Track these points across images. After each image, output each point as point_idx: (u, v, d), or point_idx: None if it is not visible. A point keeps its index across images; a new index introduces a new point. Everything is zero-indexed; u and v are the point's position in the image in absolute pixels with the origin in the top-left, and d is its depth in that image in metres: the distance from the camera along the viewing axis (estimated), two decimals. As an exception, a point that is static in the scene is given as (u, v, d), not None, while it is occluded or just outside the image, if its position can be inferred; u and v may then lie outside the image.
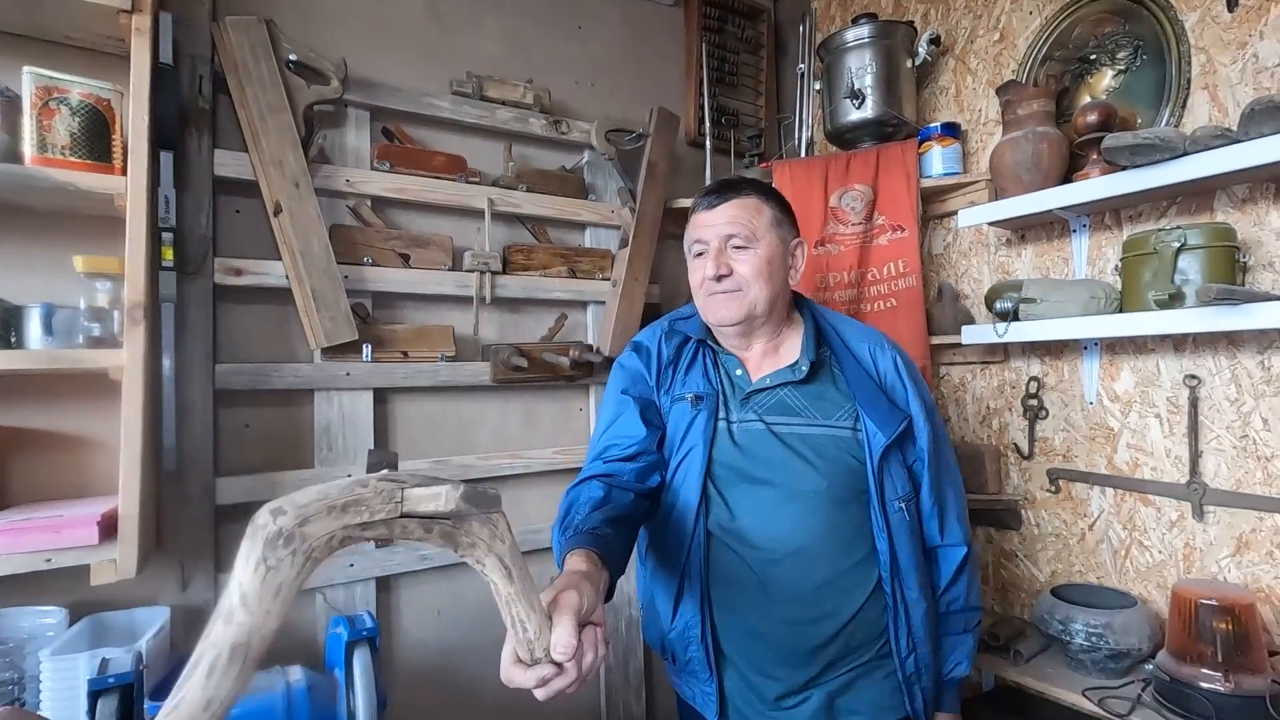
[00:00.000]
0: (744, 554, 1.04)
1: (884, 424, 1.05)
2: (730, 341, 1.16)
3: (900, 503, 1.06)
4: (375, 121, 1.62)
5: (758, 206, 1.11)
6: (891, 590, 1.04)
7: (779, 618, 1.03)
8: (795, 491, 1.03)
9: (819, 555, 1.03)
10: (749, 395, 1.11)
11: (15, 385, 1.24)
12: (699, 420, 1.09)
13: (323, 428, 1.51)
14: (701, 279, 1.11)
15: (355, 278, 1.53)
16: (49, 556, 1.07)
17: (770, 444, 1.06)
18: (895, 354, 1.16)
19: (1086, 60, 1.62)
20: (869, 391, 1.09)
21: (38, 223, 1.27)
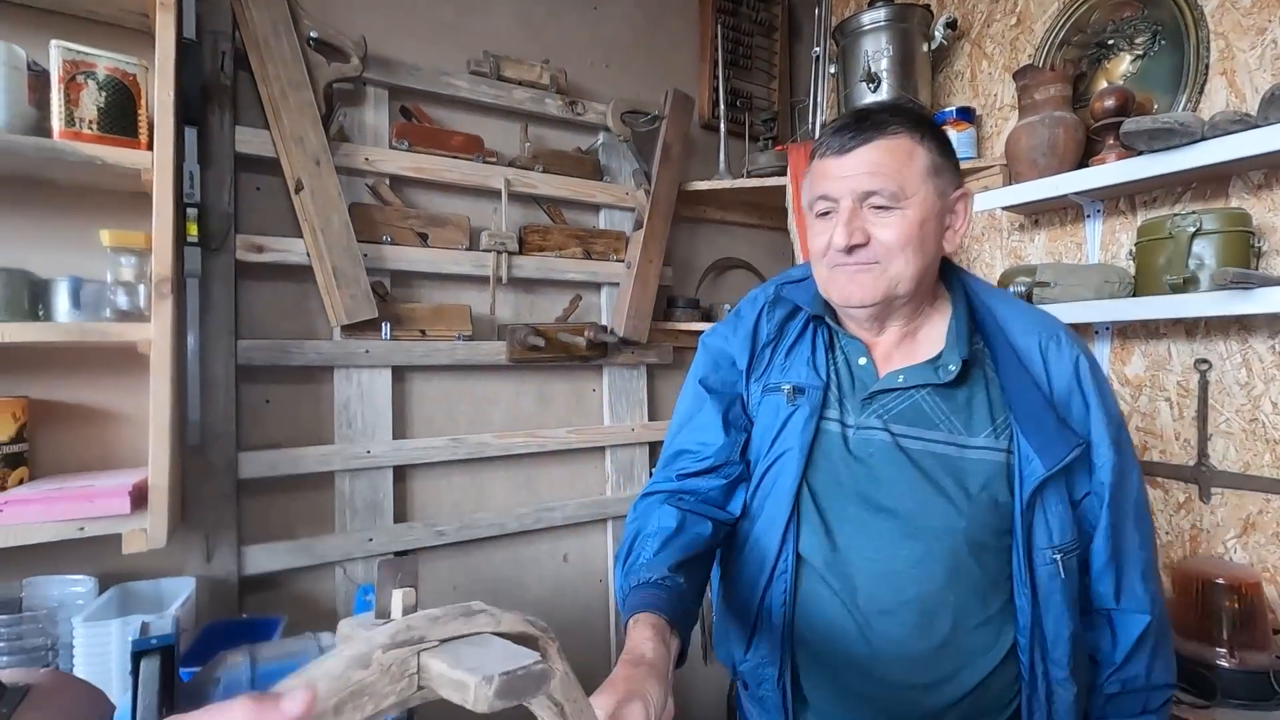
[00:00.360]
0: (844, 595, 0.83)
1: (1046, 448, 0.80)
2: (854, 322, 0.92)
3: (1055, 554, 0.81)
4: (393, 100, 1.62)
5: (910, 150, 0.83)
6: (1030, 662, 0.81)
7: (882, 678, 0.82)
8: (921, 527, 0.81)
9: (941, 608, 0.81)
10: (873, 395, 0.87)
11: (42, 358, 1.26)
12: (796, 419, 0.87)
13: (342, 404, 1.53)
14: (826, 246, 0.86)
15: (374, 256, 1.54)
16: (82, 525, 1.09)
17: (895, 462, 0.84)
18: (1077, 353, 0.88)
19: (1104, 45, 1.62)
20: (1032, 403, 0.83)
21: (63, 197, 1.28)
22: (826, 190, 0.86)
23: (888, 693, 0.82)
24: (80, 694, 0.92)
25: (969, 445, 0.84)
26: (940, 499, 0.82)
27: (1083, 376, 0.86)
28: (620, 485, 1.91)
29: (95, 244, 1.23)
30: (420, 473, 1.64)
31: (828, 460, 0.86)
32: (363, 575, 1.53)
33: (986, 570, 0.82)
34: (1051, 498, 0.82)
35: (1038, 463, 0.80)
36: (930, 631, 0.81)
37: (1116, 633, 0.87)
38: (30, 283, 1.17)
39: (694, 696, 2.06)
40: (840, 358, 0.91)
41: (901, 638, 0.81)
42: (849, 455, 0.85)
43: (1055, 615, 0.81)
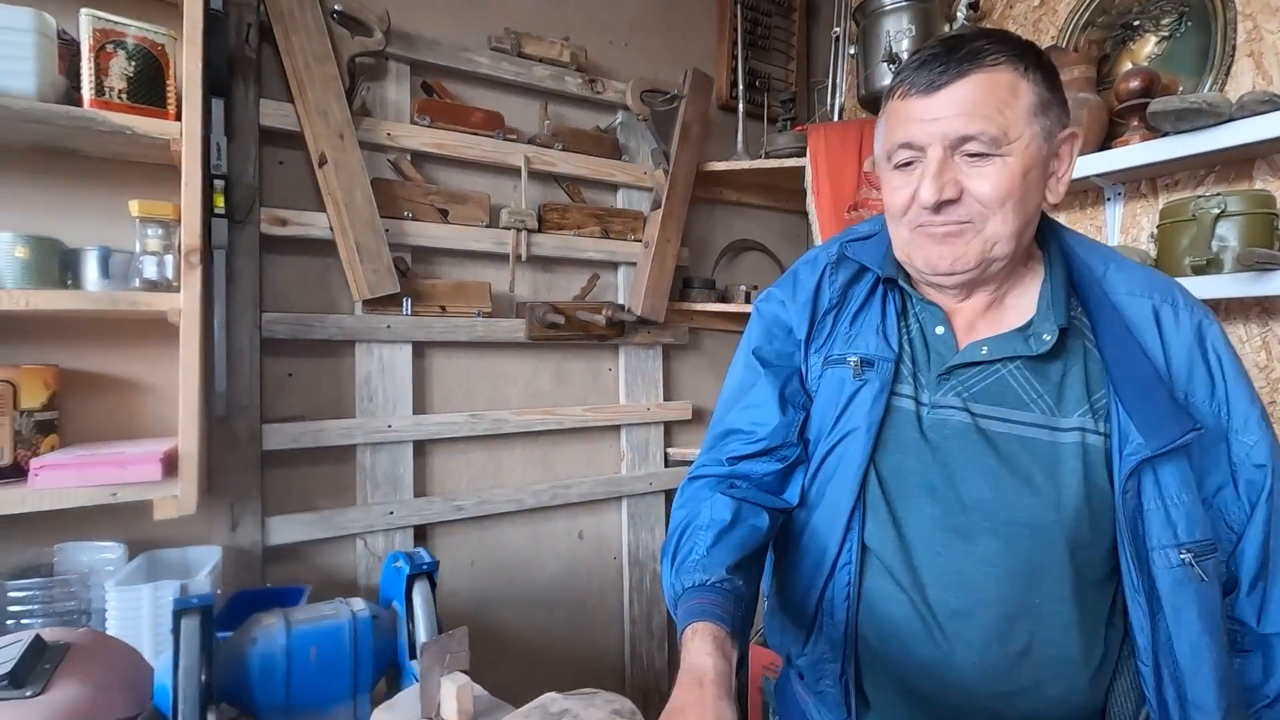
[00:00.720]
0: (912, 593, 0.74)
1: (1153, 427, 0.68)
2: (933, 287, 0.80)
3: (1183, 553, 0.67)
4: (415, 75, 1.62)
5: (1013, 84, 0.70)
6: (1156, 688, 0.68)
7: (955, 684, 0.72)
8: (1003, 522, 0.71)
9: (1023, 612, 0.70)
10: (951, 369, 0.77)
11: (71, 327, 1.27)
12: (863, 395, 0.78)
13: (363, 378, 1.54)
14: (908, 202, 0.74)
15: (395, 232, 1.55)
16: (115, 490, 1.10)
17: (974, 446, 0.74)
18: (1199, 318, 0.75)
19: (1129, 26, 1.61)
20: (1139, 375, 0.71)
21: (90, 166, 1.28)
22: (911, 136, 0.73)
23: (959, 699, 0.72)
24: (118, 653, 0.94)
25: (1061, 428, 0.72)
26: (1026, 490, 0.71)
27: (1209, 346, 0.74)
28: (635, 464, 1.92)
29: (121, 214, 1.23)
30: (439, 448, 1.66)
31: (898, 442, 0.76)
32: (383, 548, 1.55)
33: (1084, 572, 0.70)
34: (1171, 483, 0.69)
35: (1141, 442, 0.68)
36: (1009, 637, 0.71)
37: (1272, 660, 0.72)
38: (60, 251, 1.18)
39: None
40: (915, 325, 0.80)
41: (976, 642, 0.71)
42: (921, 438, 0.75)
43: (1190, 634, 0.67)
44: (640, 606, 1.93)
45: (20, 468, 1.12)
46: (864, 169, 1.85)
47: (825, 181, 1.86)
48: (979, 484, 0.73)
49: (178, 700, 0.80)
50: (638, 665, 1.92)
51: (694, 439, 2.04)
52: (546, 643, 1.79)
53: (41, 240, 1.14)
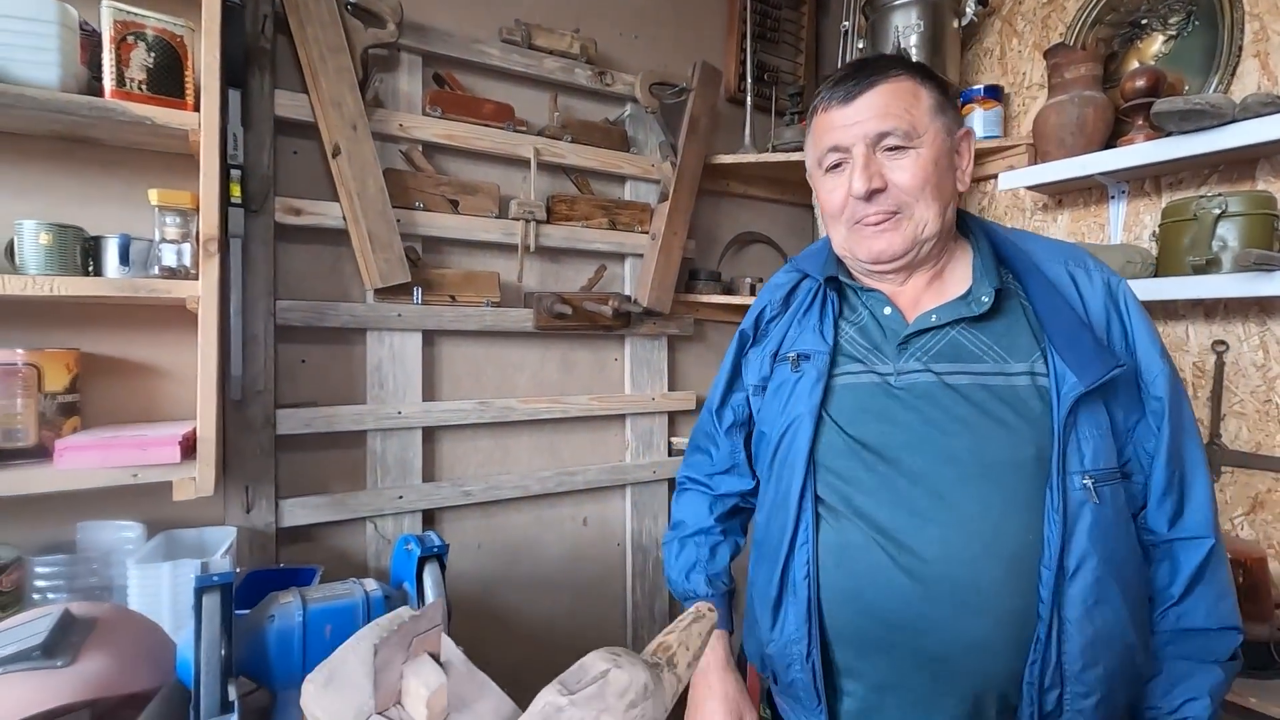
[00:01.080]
0: (891, 550, 0.80)
1: (1083, 366, 0.77)
2: (873, 276, 0.92)
3: (1086, 479, 0.77)
4: (427, 67, 1.64)
5: (914, 90, 0.84)
6: (1050, 597, 0.75)
7: (933, 620, 0.78)
8: (988, 464, 0.78)
9: (1009, 541, 0.77)
10: (907, 339, 0.86)
11: (92, 312, 1.30)
12: (802, 385, 0.88)
13: (374, 366, 1.57)
14: (844, 199, 0.86)
15: (407, 222, 1.57)
16: (135, 472, 1.14)
17: (946, 400, 0.81)
18: (1107, 275, 0.86)
19: (1137, 25, 1.62)
20: (1067, 323, 0.81)
21: (109, 156, 1.31)
22: (836, 140, 0.85)
23: (932, 635, 0.78)
24: (142, 627, 0.98)
25: (1014, 373, 0.81)
26: (1001, 429, 0.78)
27: (1119, 299, 0.85)
28: (639, 453, 1.96)
29: (140, 202, 1.26)
30: (448, 434, 1.69)
31: (874, 413, 0.83)
32: (392, 531, 1.59)
33: (1038, 499, 0.77)
34: (1086, 420, 0.78)
35: (1074, 380, 0.77)
36: (990, 572, 0.76)
37: (1177, 561, 0.81)
38: (82, 239, 1.20)
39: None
40: (864, 313, 0.91)
41: (960, 578, 0.77)
42: (895, 403, 0.83)
43: (1079, 545, 0.76)
44: (642, 591, 1.97)
45: (44, 448, 1.16)
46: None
47: (831, 176, 1.87)
48: (958, 431, 0.80)
49: (200, 673, 0.84)
50: (639, 648, 1.96)
51: (697, 429, 2.07)
52: (550, 624, 1.83)
53: (64, 228, 1.16)
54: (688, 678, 0.49)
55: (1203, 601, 0.81)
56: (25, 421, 1.15)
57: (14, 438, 1.14)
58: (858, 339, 0.90)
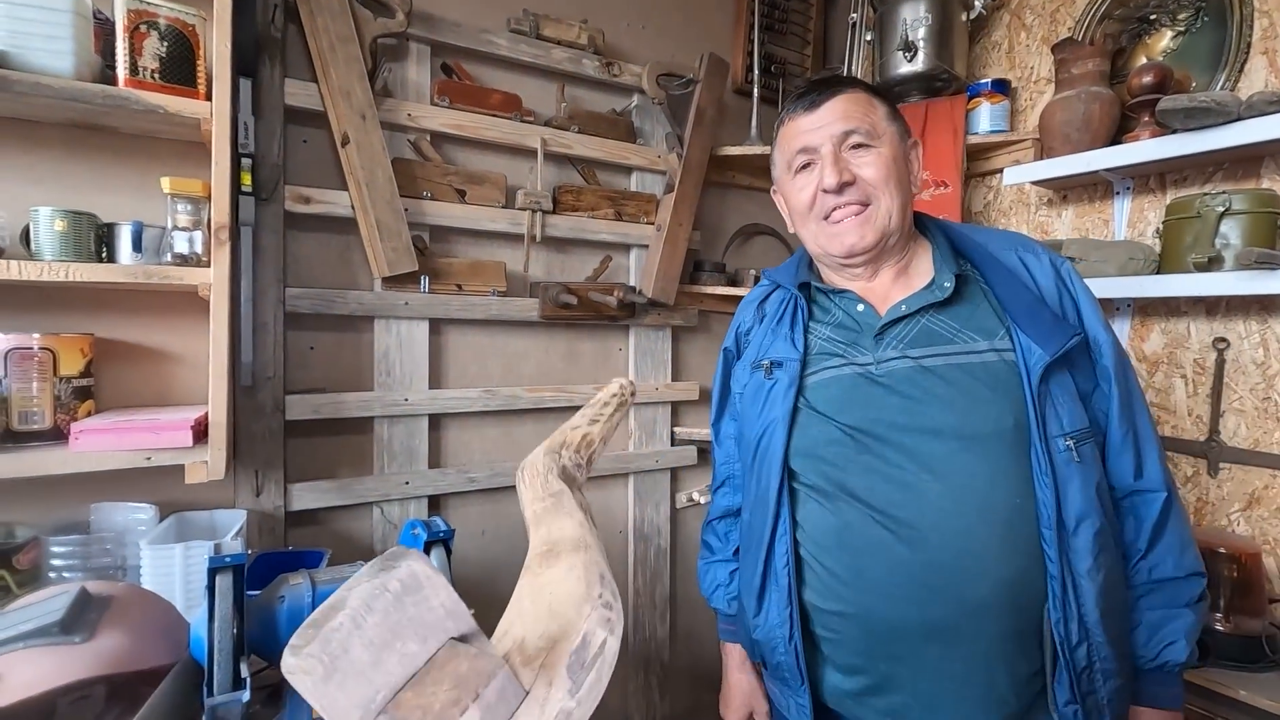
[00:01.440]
0: (891, 527, 0.85)
1: (1046, 339, 0.84)
2: (848, 275, 0.98)
3: (1068, 440, 0.83)
4: (435, 57, 1.65)
5: (868, 100, 0.94)
6: (1058, 555, 0.81)
7: (927, 585, 0.83)
8: (971, 437, 0.83)
9: (996, 510, 0.82)
10: (882, 329, 0.92)
11: (105, 298, 1.32)
12: (776, 391, 0.95)
13: (381, 353, 1.59)
14: (814, 195, 0.93)
15: (414, 211, 1.59)
16: (149, 455, 1.16)
17: (925, 381, 0.87)
18: (1051, 257, 0.94)
19: (1146, 20, 1.61)
20: (1025, 302, 0.88)
21: (122, 143, 1.33)
22: (805, 142, 0.94)
23: (945, 612, 0.82)
24: (156, 605, 1.01)
25: (982, 350, 0.87)
26: (980, 404, 0.84)
27: (1065, 279, 0.92)
28: (643, 442, 1.98)
29: (152, 190, 1.28)
30: (454, 422, 1.72)
31: (860, 401, 0.89)
32: (398, 516, 1.62)
33: (1020, 466, 0.83)
34: (1057, 387, 0.84)
35: (1040, 351, 0.83)
36: (985, 536, 0.82)
37: (1140, 515, 0.88)
38: (96, 225, 1.22)
39: (705, 644, 2.16)
40: (838, 313, 0.97)
41: (964, 546, 0.81)
42: (880, 390, 0.89)
43: (1074, 504, 0.82)
44: (644, 578, 2.00)
45: (60, 431, 1.18)
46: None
47: (837, 169, 1.88)
48: (940, 409, 0.85)
49: (213, 650, 0.87)
50: (640, 635, 1.99)
51: (700, 419, 2.09)
52: (553, 611, 1.86)
53: (79, 215, 1.18)
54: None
55: (1170, 553, 0.87)
56: (41, 404, 1.18)
57: (30, 420, 1.16)
58: (835, 337, 0.96)
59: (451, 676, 0.29)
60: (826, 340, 0.96)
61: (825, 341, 0.96)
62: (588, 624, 0.35)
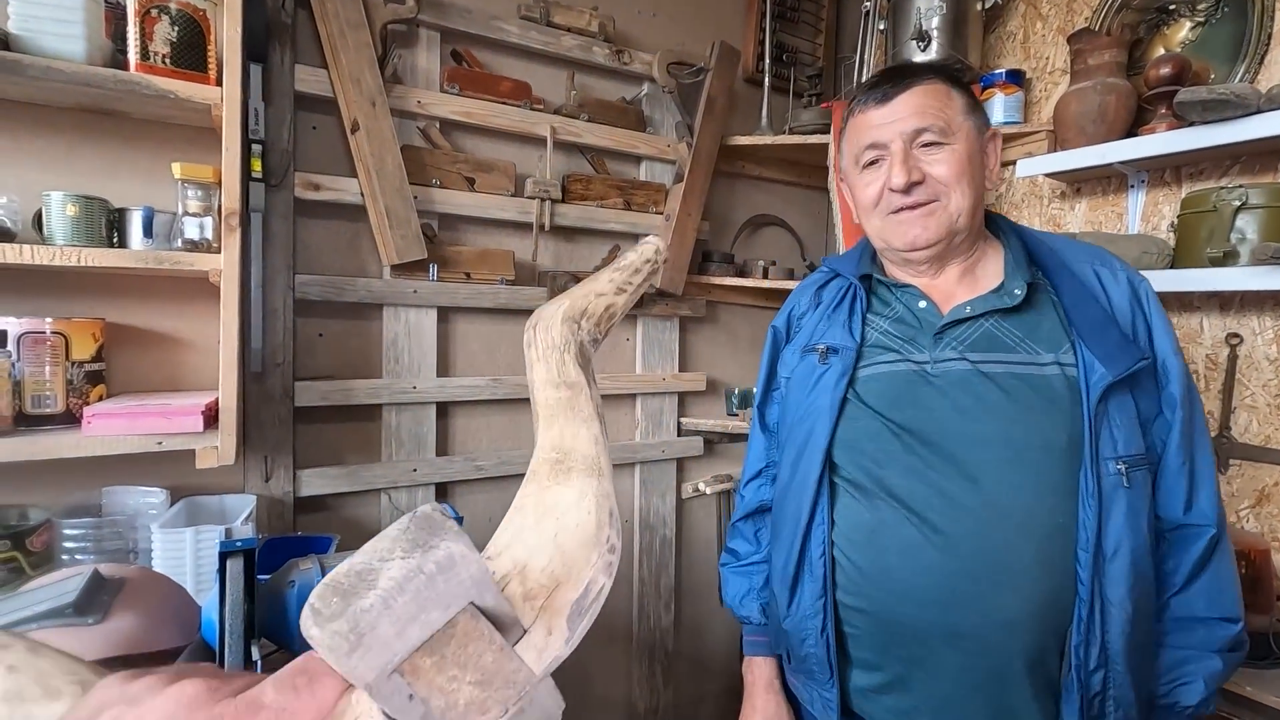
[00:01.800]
0: (924, 531, 0.83)
1: (1111, 358, 0.81)
2: (912, 270, 0.96)
3: (1120, 464, 0.80)
4: (445, 43, 1.64)
5: (946, 92, 0.89)
6: (1090, 579, 0.78)
7: (957, 594, 0.81)
8: (1020, 448, 0.81)
9: (1034, 525, 0.80)
10: (944, 328, 0.89)
11: (116, 284, 1.33)
12: (827, 378, 0.93)
13: (390, 341, 1.60)
14: (880, 192, 0.90)
15: (423, 199, 1.59)
16: (160, 440, 1.17)
17: (980, 386, 0.84)
18: (1129, 276, 0.90)
19: (1165, 10, 1.59)
20: (1094, 318, 0.85)
21: (132, 129, 1.33)
22: (874, 138, 0.90)
23: (971, 621, 0.80)
24: (169, 588, 1.01)
25: (1044, 363, 0.84)
26: (1034, 416, 0.82)
27: (1142, 299, 0.88)
28: (649, 432, 1.98)
29: (162, 175, 1.29)
30: (461, 410, 1.72)
31: (910, 399, 0.87)
32: (406, 503, 1.62)
33: (1067, 484, 0.80)
34: (1116, 408, 0.81)
35: (1104, 371, 0.80)
36: (1021, 551, 0.79)
37: (1183, 549, 0.84)
38: (107, 210, 1.23)
39: (709, 634, 2.17)
40: (899, 307, 0.95)
41: (997, 558, 0.79)
42: (933, 390, 0.86)
43: (1115, 529, 0.79)
44: (649, 568, 2.00)
45: (72, 415, 1.19)
46: (887, 148, 1.86)
47: (848, 159, 1.86)
48: (992, 416, 0.83)
49: (224, 634, 0.87)
50: (645, 624, 2.00)
51: (707, 410, 2.09)
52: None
53: (90, 199, 1.19)
54: None
55: (1206, 592, 0.84)
56: (54, 388, 1.19)
57: (43, 404, 1.17)
58: (892, 331, 0.93)
59: (466, 635, 0.30)
60: (883, 334, 0.94)
61: (882, 335, 0.94)
62: (593, 571, 0.34)
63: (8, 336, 1.15)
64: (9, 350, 1.14)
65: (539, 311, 0.46)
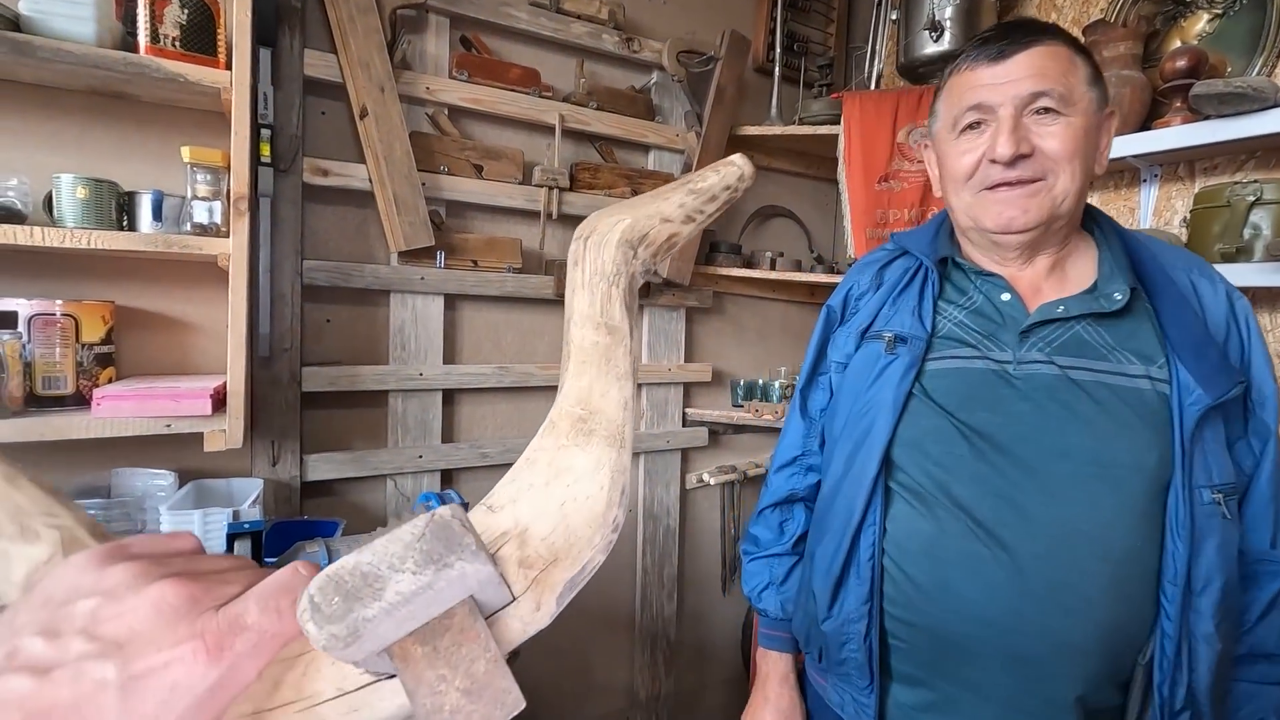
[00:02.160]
0: (983, 534, 0.77)
1: (1210, 379, 0.74)
2: (998, 257, 0.86)
3: (1215, 494, 0.74)
4: (454, 29, 1.64)
5: (1070, 57, 0.79)
6: (1177, 614, 0.73)
7: (1021, 626, 0.75)
8: (1107, 465, 0.74)
9: (1113, 550, 0.74)
10: (1031, 327, 0.81)
11: (125, 267, 1.33)
12: (893, 370, 0.84)
13: (397, 327, 1.60)
14: (977, 162, 0.80)
15: (431, 185, 1.59)
16: (169, 422, 1.18)
17: (1069, 394, 0.77)
18: (1227, 288, 0.83)
19: (1182, 2, 1.57)
20: (1193, 333, 0.77)
21: (142, 112, 1.33)
22: (981, 98, 0.79)
23: (1031, 645, 0.74)
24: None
25: (1135, 375, 0.77)
26: (1125, 431, 0.75)
27: (1239, 316, 0.81)
28: (654, 422, 1.98)
29: (171, 159, 1.29)
30: (467, 397, 1.73)
31: (984, 401, 0.80)
32: (411, 489, 1.63)
33: (1151, 509, 0.74)
34: (1210, 434, 0.75)
35: (1201, 393, 0.73)
36: (1095, 576, 0.73)
37: (1260, 585, 0.79)
38: (117, 194, 1.23)
39: (711, 624, 2.18)
40: (978, 297, 0.86)
41: (1067, 580, 0.73)
42: (1014, 393, 0.79)
43: (1207, 562, 0.73)
44: (652, 557, 2.01)
45: (82, 396, 1.20)
46: (898, 140, 1.84)
47: (858, 151, 1.85)
48: (1078, 427, 0.76)
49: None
50: (648, 613, 2.01)
51: (713, 401, 2.09)
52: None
53: (100, 182, 1.19)
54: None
55: (1276, 627, 0.79)
56: (64, 370, 1.19)
57: (54, 385, 1.18)
58: (968, 323, 0.85)
59: (462, 632, 0.29)
60: (958, 325, 0.85)
61: (956, 326, 0.85)
62: (593, 551, 0.33)
63: (18, 318, 1.16)
64: (20, 331, 1.15)
65: (592, 221, 0.40)
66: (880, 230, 1.86)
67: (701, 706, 2.17)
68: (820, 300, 2.30)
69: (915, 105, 1.83)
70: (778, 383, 2.02)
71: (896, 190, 1.86)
